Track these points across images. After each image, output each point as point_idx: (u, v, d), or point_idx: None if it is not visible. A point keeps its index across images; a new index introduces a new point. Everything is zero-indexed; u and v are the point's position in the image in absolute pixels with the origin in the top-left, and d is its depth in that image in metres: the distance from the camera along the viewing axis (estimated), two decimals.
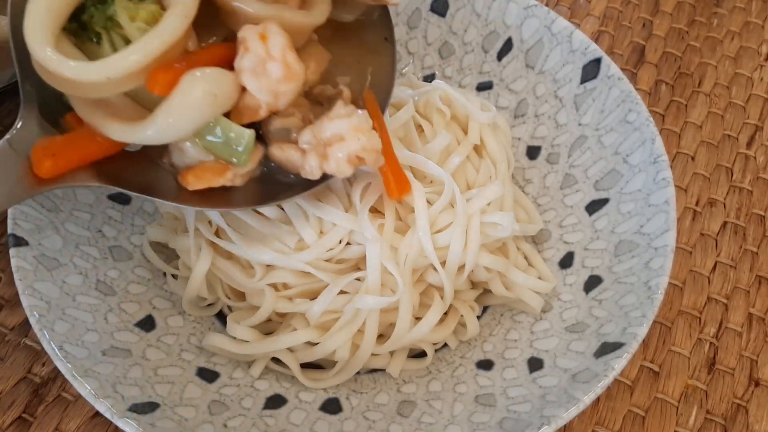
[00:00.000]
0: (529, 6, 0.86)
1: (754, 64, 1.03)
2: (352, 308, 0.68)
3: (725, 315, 0.82)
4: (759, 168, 0.94)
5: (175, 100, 0.56)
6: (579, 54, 0.83)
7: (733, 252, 0.87)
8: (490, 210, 0.73)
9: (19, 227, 0.67)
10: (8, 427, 0.70)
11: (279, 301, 0.70)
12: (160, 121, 0.56)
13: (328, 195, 0.69)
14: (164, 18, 0.56)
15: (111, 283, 0.72)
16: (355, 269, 0.70)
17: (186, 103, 0.56)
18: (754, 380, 0.78)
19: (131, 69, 0.54)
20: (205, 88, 0.56)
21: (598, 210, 0.78)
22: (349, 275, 0.69)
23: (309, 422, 0.67)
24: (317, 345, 0.69)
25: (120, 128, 0.58)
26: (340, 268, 0.70)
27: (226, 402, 0.67)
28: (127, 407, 0.60)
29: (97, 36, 0.57)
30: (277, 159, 0.63)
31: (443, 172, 0.71)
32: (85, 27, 0.57)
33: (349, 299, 0.69)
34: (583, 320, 0.71)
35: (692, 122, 0.97)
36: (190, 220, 0.72)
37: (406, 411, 0.68)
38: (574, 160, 0.82)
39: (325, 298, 0.68)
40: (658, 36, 1.06)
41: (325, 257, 0.69)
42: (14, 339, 0.75)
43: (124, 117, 0.58)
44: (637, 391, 0.77)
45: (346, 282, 0.68)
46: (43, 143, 0.59)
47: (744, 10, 1.09)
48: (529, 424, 0.61)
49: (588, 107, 0.82)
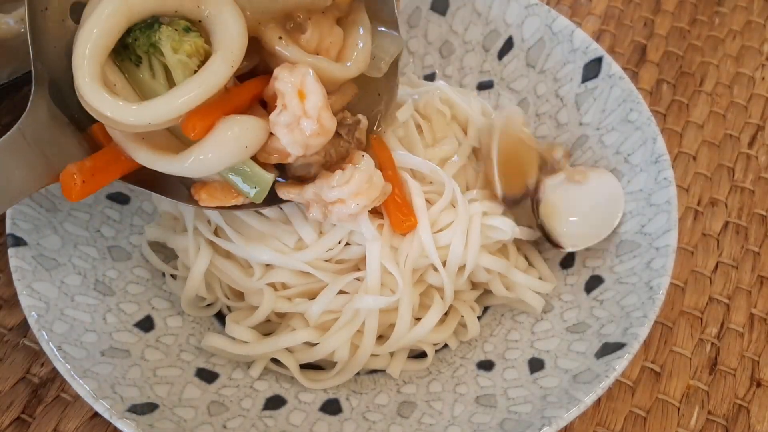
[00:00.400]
0: (530, 5, 0.86)
1: (756, 63, 1.03)
2: (351, 308, 0.68)
3: (727, 315, 0.82)
4: (761, 168, 0.93)
5: (208, 145, 0.58)
6: (580, 53, 0.83)
7: (735, 252, 0.87)
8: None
9: (17, 227, 0.67)
10: (7, 427, 0.70)
11: (278, 301, 0.70)
12: (191, 159, 0.58)
13: None
14: (210, 64, 0.57)
15: (110, 283, 0.71)
16: (354, 269, 0.70)
17: (218, 149, 0.58)
18: (755, 381, 0.78)
19: (172, 117, 0.56)
20: (238, 137, 0.58)
21: None
22: (348, 275, 0.68)
23: (309, 423, 0.66)
24: (316, 345, 0.69)
25: (150, 157, 0.59)
26: (340, 268, 0.70)
27: (226, 403, 0.67)
28: (126, 408, 0.60)
29: (137, 59, 0.58)
30: (285, 197, 0.65)
31: (442, 172, 0.70)
32: (127, 47, 0.58)
33: (348, 299, 0.68)
34: (584, 320, 0.70)
35: (694, 122, 0.97)
36: (189, 219, 0.71)
37: (407, 412, 0.68)
38: (575, 160, 0.82)
39: (325, 298, 0.68)
40: (659, 35, 1.05)
41: (324, 257, 0.69)
42: (13, 339, 0.75)
43: (155, 144, 0.60)
44: (638, 391, 0.76)
45: (346, 282, 0.68)
46: (72, 170, 0.59)
47: (746, 9, 1.09)
48: (529, 424, 0.61)
49: (589, 106, 0.82)
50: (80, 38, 0.55)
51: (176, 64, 0.57)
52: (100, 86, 0.55)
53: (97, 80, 0.55)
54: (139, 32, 0.57)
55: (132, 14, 0.56)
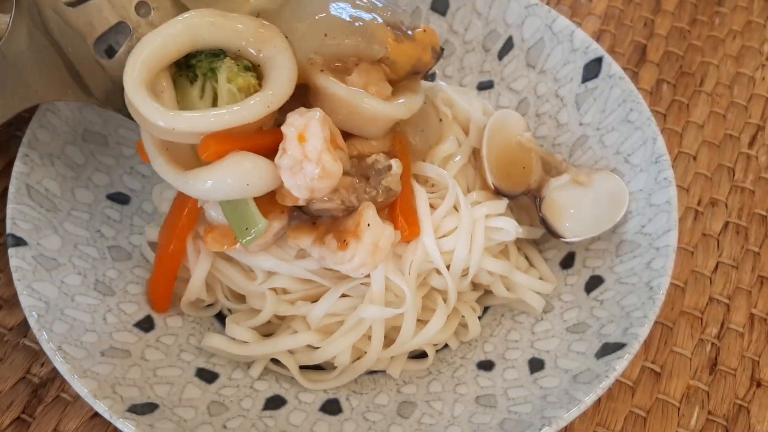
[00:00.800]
0: (530, 5, 0.86)
1: (756, 63, 1.03)
2: (355, 317, 0.67)
3: (727, 315, 0.82)
4: (761, 168, 0.93)
5: (212, 171, 0.60)
6: (580, 53, 0.83)
7: (735, 252, 0.86)
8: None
9: (17, 227, 0.67)
10: (7, 427, 0.70)
11: (280, 304, 0.70)
12: (193, 179, 0.60)
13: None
14: (249, 99, 0.60)
15: (110, 283, 0.71)
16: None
17: (220, 178, 0.60)
18: (755, 381, 0.78)
19: (194, 130, 0.59)
20: (242, 174, 0.60)
21: None
22: (352, 280, 0.68)
23: (309, 423, 0.66)
24: (318, 349, 0.69)
25: (163, 166, 0.62)
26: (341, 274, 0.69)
27: (226, 403, 0.67)
28: (126, 408, 0.60)
29: (194, 77, 0.62)
30: (292, 242, 0.66)
31: (447, 175, 0.71)
32: (190, 66, 0.62)
33: (351, 303, 0.68)
34: (584, 321, 0.70)
35: (694, 122, 0.97)
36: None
37: (407, 412, 0.68)
38: (575, 160, 0.82)
39: (327, 302, 0.68)
40: (659, 35, 1.05)
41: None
42: (13, 339, 0.75)
43: (175, 157, 0.62)
44: (638, 391, 0.76)
45: (349, 287, 0.68)
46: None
47: (746, 9, 1.09)
48: (530, 425, 0.61)
49: (589, 107, 0.82)
50: (144, 41, 0.59)
51: (225, 92, 0.61)
52: (144, 87, 0.59)
53: (143, 82, 0.59)
54: (204, 56, 0.62)
55: (197, 41, 0.61)
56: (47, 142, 0.74)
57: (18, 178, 0.70)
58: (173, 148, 0.62)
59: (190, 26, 0.61)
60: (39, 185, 0.71)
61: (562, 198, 0.75)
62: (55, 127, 0.75)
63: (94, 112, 0.79)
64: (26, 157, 0.71)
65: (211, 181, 0.59)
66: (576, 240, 0.74)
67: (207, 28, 0.61)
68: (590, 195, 0.75)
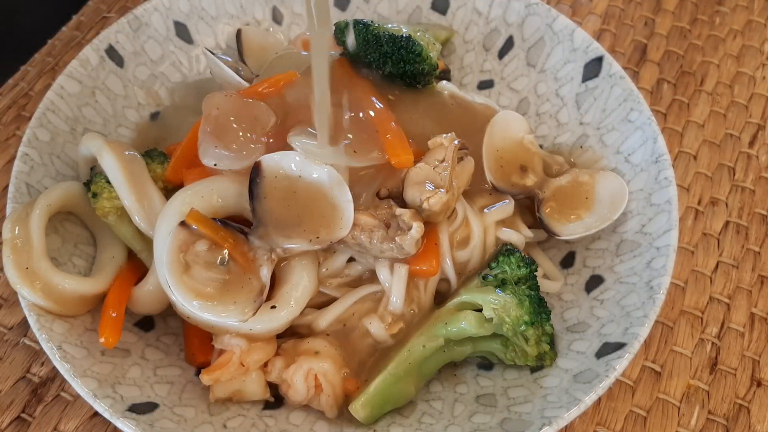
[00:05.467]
0: (531, 4, 0.86)
1: (757, 62, 1.03)
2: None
3: (727, 315, 0.82)
4: (761, 167, 0.93)
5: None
6: (580, 52, 0.83)
7: (735, 252, 0.86)
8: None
9: None
10: (7, 426, 0.70)
11: None
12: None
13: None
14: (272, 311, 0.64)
15: None
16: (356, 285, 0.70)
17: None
18: (756, 380, 0.78)
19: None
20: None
21: None
22: (362, 289, 0.69)
23: (309, 423, 0.66)
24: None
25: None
26: (345, 281, 0.70)
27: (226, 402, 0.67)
28: (126, 407, 0.60)
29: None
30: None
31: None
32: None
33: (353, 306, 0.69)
34: (585, 320, 0.70)
35: (694, 121, 0.97)
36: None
37: (407, 411, 0.68)
38: (576, 159, 0.82)
39: (335, 311, 0.68)
40: (660, 34, 1.05)
41: (332, 274, 0.69)
42: (13, 338, 0.75)
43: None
44: (638, 391, 0.76)
45: (358, 297, 0.68)
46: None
47: (746, 8, 1.09)
48: (530, 424, 0.61)
49: (589, 106, 0.82)
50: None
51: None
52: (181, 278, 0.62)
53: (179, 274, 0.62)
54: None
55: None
56: (47, 142, 0.74)
57: (18, 177, 0.70)
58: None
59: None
60: (39, 185, 0.71)
61: (562, 197, 0.75)
62: (55, 126, 0.75)
63: (94, 111, 0.79)
64: (26, 157, 0.71)
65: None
66: (573, 238, 0.74)
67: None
68: (591, 195, 0.75)
